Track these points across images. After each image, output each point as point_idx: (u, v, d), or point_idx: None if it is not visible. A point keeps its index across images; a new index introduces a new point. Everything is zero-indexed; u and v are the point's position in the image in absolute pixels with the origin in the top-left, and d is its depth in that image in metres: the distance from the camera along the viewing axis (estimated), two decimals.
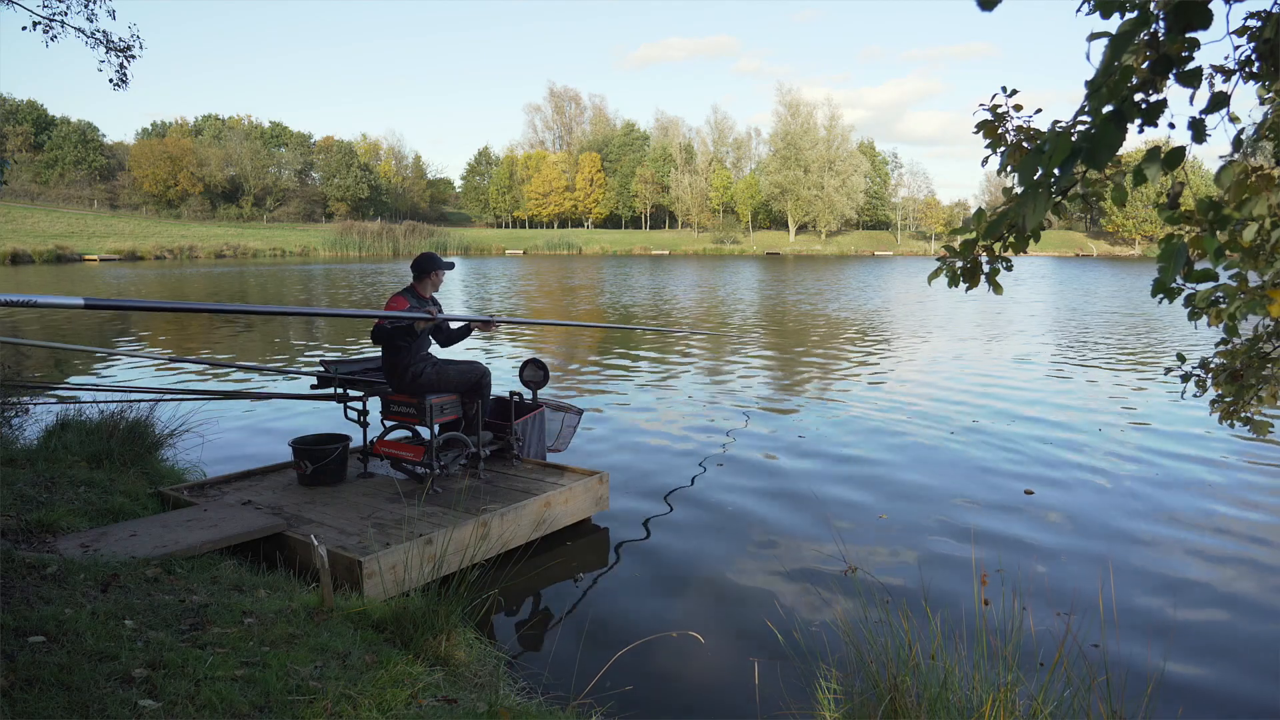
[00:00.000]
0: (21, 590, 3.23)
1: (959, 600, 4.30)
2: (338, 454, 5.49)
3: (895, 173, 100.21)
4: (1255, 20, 1.89)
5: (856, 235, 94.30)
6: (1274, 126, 2.37)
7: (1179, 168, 1.75)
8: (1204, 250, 1.95)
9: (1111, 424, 8.67)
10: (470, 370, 5.66)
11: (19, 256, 53.38)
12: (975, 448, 7.69)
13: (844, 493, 6.41)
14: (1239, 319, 2.25)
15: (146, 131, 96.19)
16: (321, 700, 2.67)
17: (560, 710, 3.18)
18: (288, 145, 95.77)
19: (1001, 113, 2.45)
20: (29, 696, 2.43)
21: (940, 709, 2.52)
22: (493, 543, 4.78)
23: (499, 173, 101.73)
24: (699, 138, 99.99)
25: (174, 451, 6.35)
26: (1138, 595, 4.61)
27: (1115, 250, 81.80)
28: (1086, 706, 2.47)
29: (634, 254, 79.62)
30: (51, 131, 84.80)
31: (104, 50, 7.75)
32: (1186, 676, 3.76)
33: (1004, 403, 9.81)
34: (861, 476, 6.83)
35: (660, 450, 7.64)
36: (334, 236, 77.13)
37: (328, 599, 3.55)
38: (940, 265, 2.42)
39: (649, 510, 6.01)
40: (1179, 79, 1.58)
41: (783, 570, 4.92)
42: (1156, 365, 12.75)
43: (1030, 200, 1.57)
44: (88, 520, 4.56)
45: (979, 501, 6.17)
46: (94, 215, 76.57)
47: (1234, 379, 2.68)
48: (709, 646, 3.94)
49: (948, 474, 6.87)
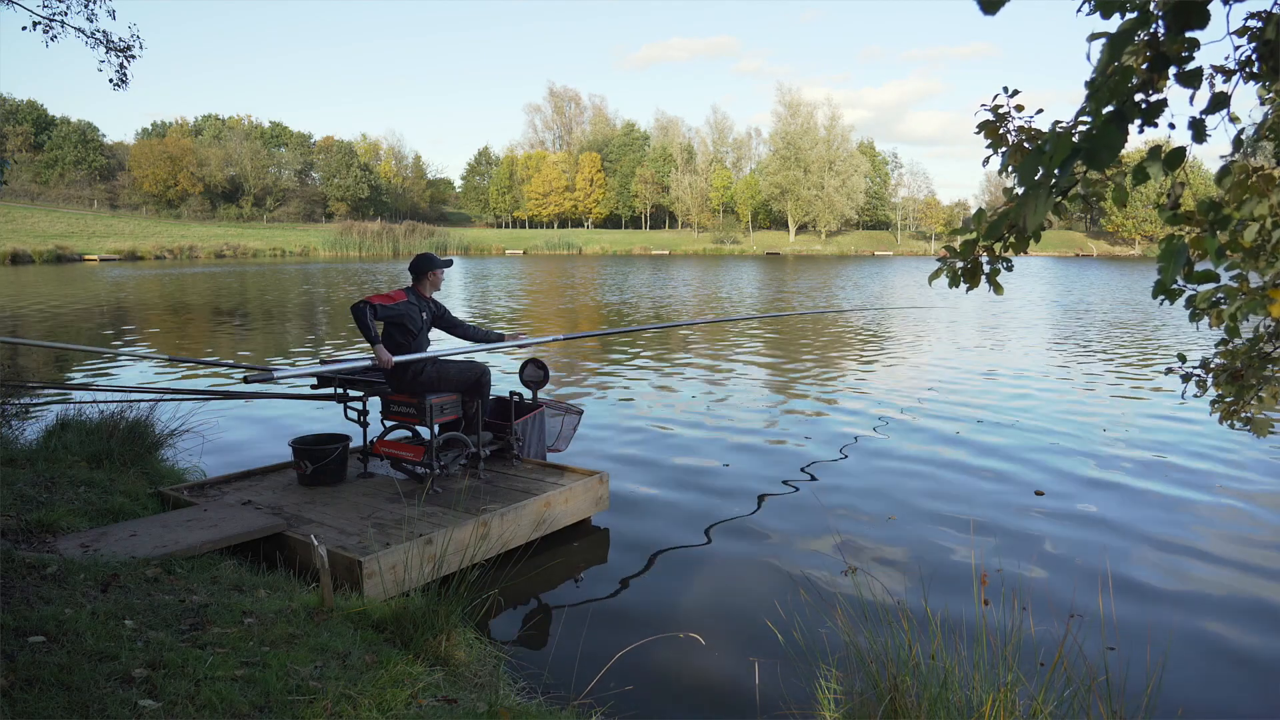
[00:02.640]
0: (21, 590, 3.23)
1: (959, 600, 4.29)
2: (338, 454, 5.49)
3: (895, 173, 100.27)
4: (1255, 20, 1.89)
5: (856, 235, 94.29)
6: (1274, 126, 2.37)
7: (1179, 168, 1.75)
8: (1205, 251, 1.95)
9: (1115, 424, 8.66)
10: (470, 369, 5.66)
11: (19, 256, 53.38)
12: (976, 447, 7.69)
13: (845, 492, 6.40)
14: (1240, 319, 2.25)
15: (146, 131, 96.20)
16: (321, 700, 2.67)
17: (560, 710, 3.18)
18: (288, 145, 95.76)
19: (1003, 113, 2.45)
20: (29, 696, 2.43)
21: (940, 709, 2.52)
22: (493, 543, 4.78)
23: (499, 173, 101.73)
24: (699, 138, 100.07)
25: (174, 451, 6.35)
26: (1138, 595, 4.60)
27: (1115, 250, 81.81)
28: (1086, 706, 2.47)
29: (634, 254, 79.61)
30: (51, 131, 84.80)
31: (104, 50, 7.74)
32: (1187, 677, 3.76)
33: (1004, 403, 9.81)
34: (862, 476, 6.82)
35: (661, 450, 7.64)
36: (334, 236, 77.16)
37: (328, 599, 3.55)
38: (941, 265, 2.42)
39: (649, 510, 6.00)
40: (1179, 79, 1.58)
41: (783, 570, 4.92)
42: (1159, 365, 12.75)
43: (1031, 200, 1.56)
44: (88, 520, 4.56)
45: (979, 501, 6.17)
46: (94, 215, 76.58)
47: (1234, 379, 2.68)
48: (709, 646, 3.94)
49: (948, 473, 6.87)
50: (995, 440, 7.97)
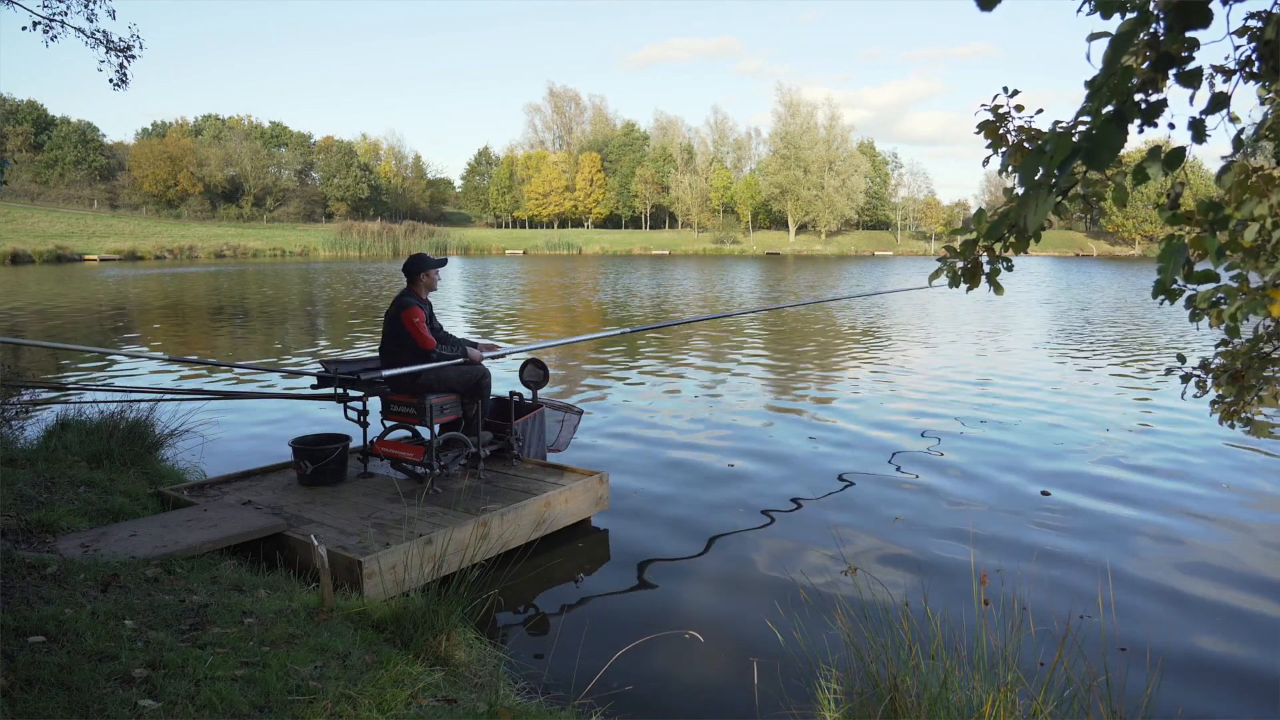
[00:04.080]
0: (21, 590, 3.23)
1: (959, 600, 4.29)
2: (338, 454, 5.49)
3: (895, 173, 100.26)
4: (1255, 20, 1.88)
5: (856, 235, 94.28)
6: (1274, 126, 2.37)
7: (1179, 168, 1.75)
8: (1204, 251, 1.95)
9: (1116, 424, 8.66)
10: (470, 370, 5.66)
11: (19, 256, 53.39)
12: (977, 447, 7.69)
13: (845, 492, 6.40)
14: (1240, 320, 2.24)
15: (146, 131, 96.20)
16: (321, 700, 2.67)
17: (560, 710, 3.18)
18: (288, 145, 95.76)
19: (1003, 113, 2.45)
20: (29, 696, 2.43)
21: (940, 709, 2.51)
22: (493, 543, 4.78)
23: (499, 173, 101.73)
24: (699, 138, 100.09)
25: (174, 451, 6.35)
26: (1139, 595, 4.60)
27: (1115, 250, 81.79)
28: (1086, 706, 2.47)
29: (634, 254, 79.61)
30: (51, 131, 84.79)
31: (104, 50, 7.74)
32: (1187, 677, 3.76)
33: (1005, 403, 9.80)
34: (862, 476, 6.82)
35: (661, 450, 7.64)
36: (334, 236, 77.18)
37: (328, 599, 3.55)
38: (941, 265, 2.42)
39: (649, 510, 6.00)
40: (1179, 79, 1.58)
41: (783, 570, 4.92)
42: (1161, 365, 12.75)
43: (1031, 200, 1.56)
44: (88, 520, 4.56)
45: (979, 501, 6.17)
46: (94, 215, 76.57)
47: (1235, 380, 2.68)
48: (709, 646, 3.94)
49: (948, 474, 6.87)
50: (996, 440, 7.97)
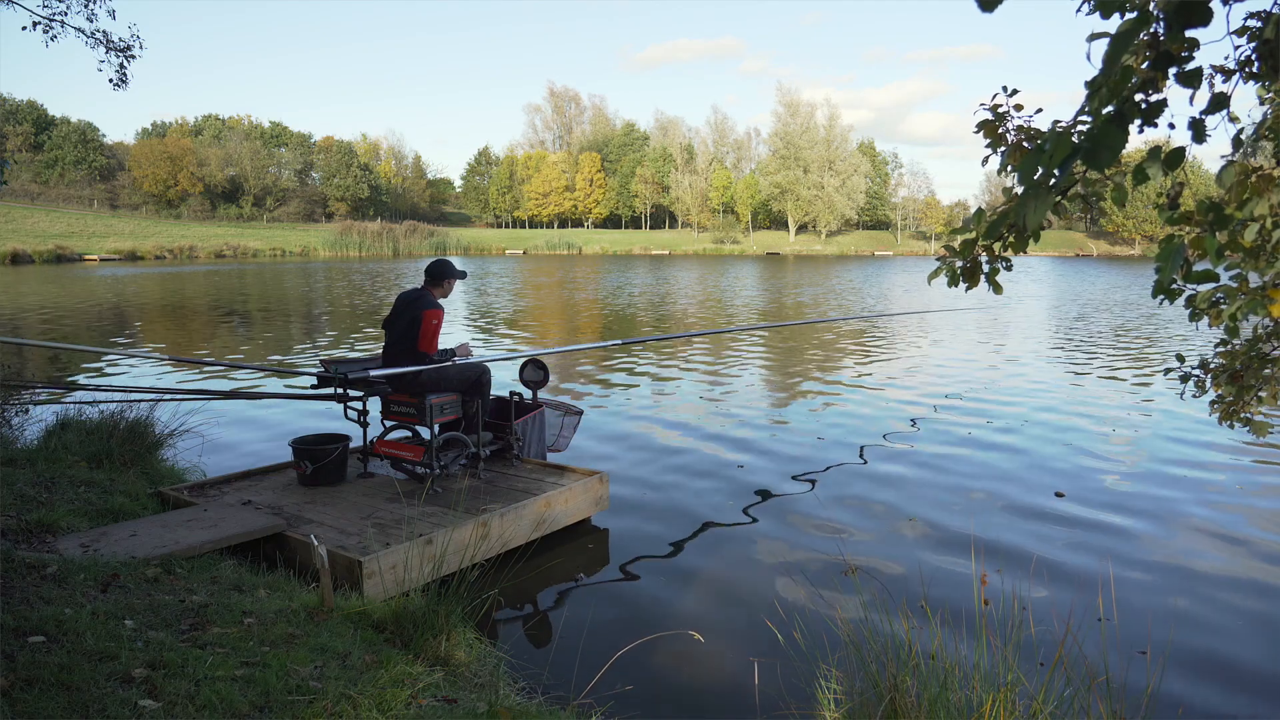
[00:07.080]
0: (21, 590, 3.23)
1: (959, 600, 4.29)
2: (338, 454, 5.49)
3: (895, 173, 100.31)
4: (1255, 20, 1.88)
5: (856, 235, 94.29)
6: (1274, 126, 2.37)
7: (1179, 168, 1.75)
8: (1204, 251, 1.95)
9: (1119, 423, 8.66)
10: (470, 369, 5.66)
11: (19, 256, 53.36)
12: (979, 448, 7.69)
13: (845, 493, 6.40)
14: (1240, 319, 2.25)
15: (146, 131, 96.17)
16: (321, 700, 2.67)
17: (560, 710, 3.18)
18: (288, 145, 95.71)
19: (1002, 112, 2.45)
20: (29, 696, 2.43)
21: (940, 709, 2.51)
22: (493, 543, 4.78)
23: (499, 173, 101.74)
24: (699, 138, 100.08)
25: (174, 451, 6.35)
26: (1139, 595, 4.60)
27: (1115, 250, 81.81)
28: (1086, 706, 2.47)
29: (634, 254, 79.61)
30: (51, 131, 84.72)
31: (104, 50, 7.74)
32: (1187, 677, 3.76)
33: (1007, 404, 9.80)
34: (862, 476, 6.82)
35: (661, 450, 7.64)
36: (334, 236, 77.15)
37: (328, 599, 3.55)
38: (940, 265, 2.42)
39: (649, 510, 6.00)
40: (1179, 79, 1.58)
41: (783, 570, 4.92)
42: (1162, 365, 12.75)
43: (1031, 200, 1.56)
44: (88, 520, 4.56)
45: (979, 501, 6.16)
46: (94, 215, 76.51)
47: (1234, 380, 2.68)
48: (709, 646, 3.94)
49: (948, 474, 6.87)
50: (997, 440, 7.96)
